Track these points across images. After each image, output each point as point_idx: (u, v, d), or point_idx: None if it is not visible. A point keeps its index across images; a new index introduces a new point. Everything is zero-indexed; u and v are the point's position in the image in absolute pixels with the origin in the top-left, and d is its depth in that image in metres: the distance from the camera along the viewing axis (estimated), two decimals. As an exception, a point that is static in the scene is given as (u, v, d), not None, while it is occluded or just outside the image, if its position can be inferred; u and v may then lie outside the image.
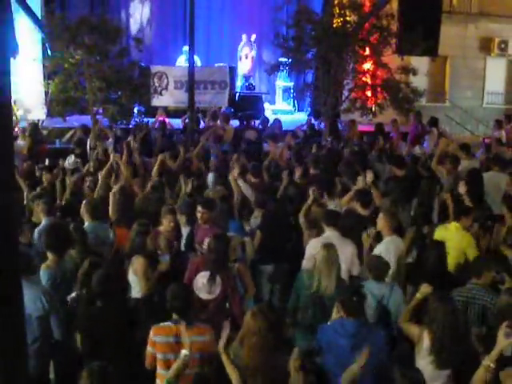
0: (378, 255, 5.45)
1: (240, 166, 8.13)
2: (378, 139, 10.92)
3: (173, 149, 9.79)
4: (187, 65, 12.73)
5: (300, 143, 11.38)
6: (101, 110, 12.24)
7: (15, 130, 11.01)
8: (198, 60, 16.06)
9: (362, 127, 14.10)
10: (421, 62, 15.65)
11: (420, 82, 15.07)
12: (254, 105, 17.10)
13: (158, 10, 18.60)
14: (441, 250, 5.36)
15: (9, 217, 2.62)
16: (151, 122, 13.36)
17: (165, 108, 14.70)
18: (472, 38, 19.35)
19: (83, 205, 6.45)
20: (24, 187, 7.45)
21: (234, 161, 8.83)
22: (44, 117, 14.47)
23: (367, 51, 13.54)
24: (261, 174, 8.39)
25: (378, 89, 13.26)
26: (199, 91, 14.89)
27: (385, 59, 13.26)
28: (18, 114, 13.72)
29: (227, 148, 11.33)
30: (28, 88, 14.29)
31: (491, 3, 18.81)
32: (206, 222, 6.25)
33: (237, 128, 12.95)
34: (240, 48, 18.27)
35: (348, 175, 7.89)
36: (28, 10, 13.16)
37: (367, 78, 13.55)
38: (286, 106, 18.57)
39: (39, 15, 13.95)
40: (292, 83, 18.37)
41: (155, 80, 15.22)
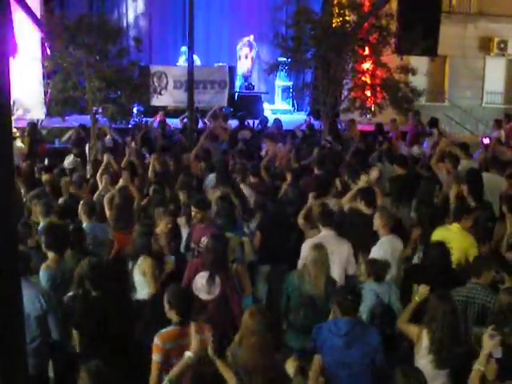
0: (376, 259, 5.43)
1: (240, 169, 8.11)
2: (378, 139, 10.90)
3: (173, 149, 9.77)
4: (187, 64, 12.74)
5: (299, 143, 11.37)
6: (100, 110, 12.23)
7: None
8: (197, 59, 16.06)
9: (362, 127, 14.10)
10: (420, 62, 15.65)
11: (419, 81, 15.07)
12: (253, 104, 17.12)
13: (158, 10, 18.58)
14: (445, 249, 5.35)
15: (9, 217, 2.62)
16: (150, 121, 13.36)
17: (164, 109, 14.69)
18: (471, 38, 19.35)
19: (81, 205, 6.44)
20: (21, 187, 7.43)
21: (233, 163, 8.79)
22: (43, 116, 14.46)
23: (366, 51, 13.52)
24: (260, 174, 8.37)
25: (378, 88, 13.23)
26: (199, 91, 14.90)
27: (384, 59, 13.24)
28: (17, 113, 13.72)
29: (226, 147, 11.33)
30: (27, 88, 14.27)
31: (490, 3, 18.81)
32: (200, 222, 6.25)
33: (234, 128, 12.95)
34: (239, 48, 18.28)
35: (350, 174, 7.87)
36: (27, 10, 13.14)
37: (366, 78, 13.53)
38: (285, 106, 18.57)
39: (38, 14, 13.94)
40: (291, 83, 18.38)
41: (155, 80, 15.22)
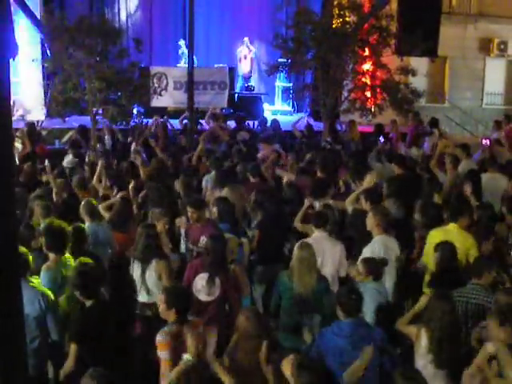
0: (372, 257, 5.42)
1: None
2: (380, 140, 10.88)
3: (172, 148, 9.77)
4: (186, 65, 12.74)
5: (298, 144, 11.36)
6: (100, 111, 12.24)
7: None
8: (194, 60, 16.02)
9: (362, 128, 14.09)
10: (420, 63, 15.66)
11: (419, 82, 15.08)
12: (253, 105, 17.11)
13: (158, 11, 18.59)
14: (454, 250, 5.35)
15: (9, 217, 2.62)
16: (150, 121, 13.32)
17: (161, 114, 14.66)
18: (471, 39, 19.35)
19: (82, 206, 6.38)
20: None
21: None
22: (43, 117, 14.44)
23: (366, 52, 13.54)
24: (260, 174, 8.37)
25: (378, 89, 13.26)
26: (198, 92, 14.89)
27: (384, 60, 13.26)
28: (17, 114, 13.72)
29: (225, 148, 11.31)
30: (27, 88, 14.28)
31: (490, 4, 18.82)
32: (197, 221, 6.25)
33: (232, 129, 12.93)
34: (239, 50, 18.27)
35: (353, 175, 7.85)
36: (27, 10, 13.13)
37: (366, 79, 13.55)
38: (285, 107, 18.58)
39: (38, 15, 13.94)
40: (291, 84, 18.37)
41: (155, 81, 15.22)
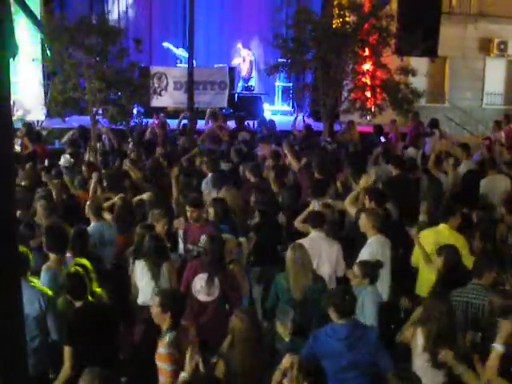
0: (368, 260, 5.42)
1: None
2: (380, 141, 10.89)
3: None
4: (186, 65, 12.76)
5: (298, 144, 11.35)
6: (100, 111, 12.24)
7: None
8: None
9: (362, 128, 14.09)
10: (420, 63, 15.65)
11: (419, 82, 15.07)
12: (253, 105, 17.10)
13: (158, 11, 18.58)
14: (458, 252, 5.37)
15: (9, 217, 2.62)
16: (150, 122, 13.34)
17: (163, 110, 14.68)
18: (471, 39, 19.34)
19: (87, 205, 6.46)
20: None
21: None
22: (43, 117, 14.47)
23: (367, 52, 13.54)
24: (261, 174, 8.36)
25: (378, 89, 13.26)
26: (198, 92, 14.89)
27: (384, 60, 13.26)
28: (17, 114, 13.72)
29: (224, 148, 11.32)
30: (27, 88, 14.28)
31: (490, 4, 18.80)
32: (196, 221, 6.27)
33: (232, 129, 12.92)
34: (234, 61, 18.12)
35: (353, 175, 7.84)
36: (27, 10, 13.13)
37: (366, 79, 13.55)
38: (285, 107, 18.57)
39: (38, 15, 13.94)
40: (291, 84, 18.36)
41: (155, 81, 15.22)
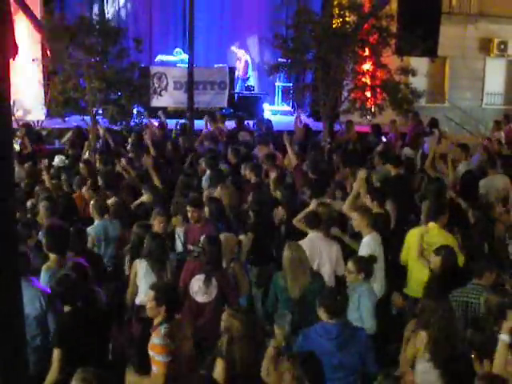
0: (362, 256, 5.44)
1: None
2: (380, 141, 10.89)
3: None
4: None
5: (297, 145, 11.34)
6: (100, 111, 12.24)
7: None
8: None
9: (362, 128, 14.09)
10: (420, 63, 15.64)
11: (419, 82, 15.07)
12: (253, 105, 17.09)
13: (158, 11, 18.58)
14: (454, 253, 5.38)
15: (9, 217, 2.62)
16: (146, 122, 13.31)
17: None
18: (471, 39, 19.34)
19: (91, 205, 6.56)
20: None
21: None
22: (43, 117, 14.46)
23: (367, 52, 13.53)
24: (260, 174, 8.37)
25: (378, 89, 13.24)
26: (198, 92, 14.90)
27: (384, 60, 13.25)
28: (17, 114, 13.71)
29: (221, 148, 11.32)
30: (27, 89, 14.27)
31: (491, 4, 18.80)
32: (197, 221, 6.28)
33: (232, 129, 12.91)
34: (234, 55, 18.16)
35: (353, 175, 7.85)
36: (27, 10, 13.14)
37: (366, 79, 13.53)
38: (285, 107, 18.57)
39: (38, 15, 13.93)
40: (291, 84, 18.35)
41: (155, 81, 15.21)
